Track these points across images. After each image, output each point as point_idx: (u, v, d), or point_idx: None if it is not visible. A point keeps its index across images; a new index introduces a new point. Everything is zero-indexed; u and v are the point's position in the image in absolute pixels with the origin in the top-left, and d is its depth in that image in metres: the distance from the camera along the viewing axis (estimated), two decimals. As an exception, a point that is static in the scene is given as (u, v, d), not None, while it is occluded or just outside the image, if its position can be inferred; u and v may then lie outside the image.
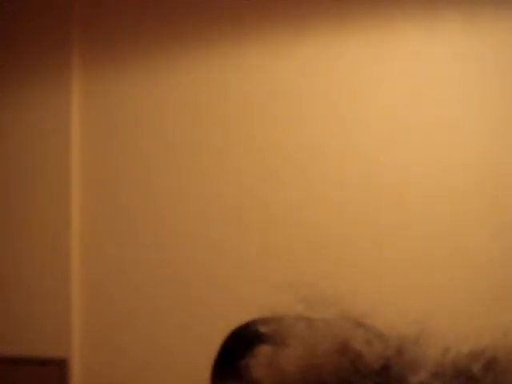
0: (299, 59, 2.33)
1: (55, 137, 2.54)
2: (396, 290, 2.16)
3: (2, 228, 2.60)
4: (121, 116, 2.52)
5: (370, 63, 2.26)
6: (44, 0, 2.58)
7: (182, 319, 2.39)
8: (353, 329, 0.58)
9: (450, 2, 2.20)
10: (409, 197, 2.21)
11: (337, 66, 2.30)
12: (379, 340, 0.57)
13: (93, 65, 2.55)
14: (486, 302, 2.10)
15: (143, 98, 2.49)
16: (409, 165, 2.21)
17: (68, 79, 2.53)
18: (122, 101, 2.51)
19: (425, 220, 2.19)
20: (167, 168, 2.45)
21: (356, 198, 2.25)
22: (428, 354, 0.57)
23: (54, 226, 2.52)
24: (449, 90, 2.19)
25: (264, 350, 0.62)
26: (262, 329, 0.63)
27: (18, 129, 2.59)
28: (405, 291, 2.15)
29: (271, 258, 2.31)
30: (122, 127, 2.51)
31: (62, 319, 2.48)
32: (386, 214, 2.22)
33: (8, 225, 2.59)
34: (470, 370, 0.55)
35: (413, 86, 2.22)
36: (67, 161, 2.52)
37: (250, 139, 2.37)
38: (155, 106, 2.48)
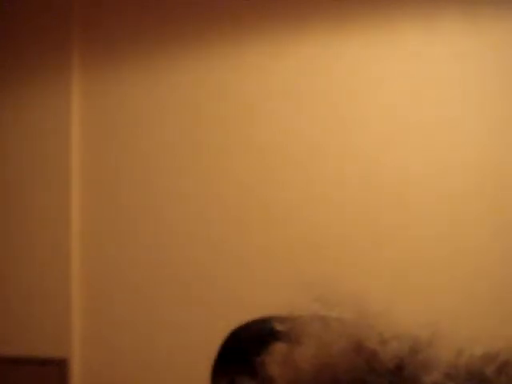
0: (299, 59, 2.33)
1: (55, 137, 2.54)
2: (400, 291, 2.16)
3: (2, 228, 2.60)
4: (121, 116, 2.52)
5: (370, 63, 2.26)
6: (44, 0, 2.58)
7: (182, 319, 2.39)
8: (368, 328, 0.58)
9: (450, 2, 2.20)
10: (409, 196, 2.21)
11: (337, 66, 2.30)
12: (394, 340, 0.57)
13: (93, 65, 2.55)
14: (488, 303, 2.10)
15: (143, 98, 2.49)
16: (409, 165, 2.21)
17: (68, 79, 2.53)
18: (122, 101, 2.51)
19: (425, 220, 2.19)
20: (167, 168, 2.45)
21: (356, 198, 2.25)
22: (441, 355, 0.57)
23: (53, 226, 2.52)
24: (449, 89, 2.19)
25: (279, 348, 0.62)
26: (278, 327, 0.63)
27: (18, 129, 2.59)
28: (409, 292, 2.15)
29: (271, 258, 2.31)
30: (122, 127, 2.51)
31: (62, 319, 2.48)
32: (385, 213, 2.22)
33: (8, 225, 2.59)
34: (484, 372, 0.55)
35: (413, 86, 2.22)
36: (67, 161, 2.52)
37: (249, 139, 2.37)
38: (155, 106, 2.48)
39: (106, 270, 2.49)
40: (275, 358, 0.60)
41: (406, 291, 2.15)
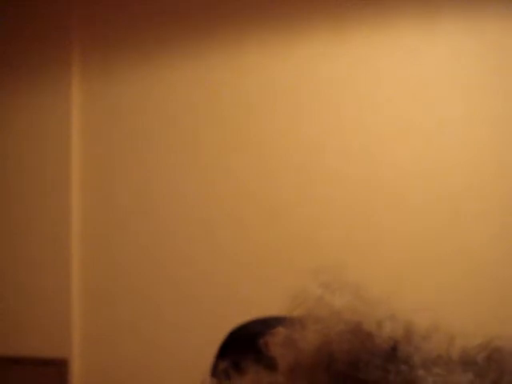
0: (299, 59, 2.33)
1: (55, 137, 2.54)
2: (400, 290, 2.16)
3: (2, 228, 2.60)
4: (121, 116, 2.52)
5: (369, 63, 2.26)
6: (44, 0, 2.58)
7: (181, 319, 2.39)
8: (366, 313, 0.61)
9: (450, 2, 2.20)
10: (409, 195, 2.21)
11: (337, 65, 2.30)
12: (389, 323, 0.60)
13: (93, 65, 2.55)
14: (488, 302, 2.10)
15: (143, 97, 2.49)
16: (409, 164, 2.21)
17: (68, 79, 2.53)
18: (122, 101, 2.51)
19: (425, 220, 2.19)
20: (167, 168, 2.45)
21: (356, 197, 2.25)
22: (435, 340, 0.60)
23: (54, 226, 2.52)
24: (449, 89, 2.19)
25: (282, 330, 0.64)
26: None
27: (18, 129, 2.60)
28: (409, 291, 2.15)
29: (271, 257, 2.31)
30: (122, 127, 2.51)
31: (62, 319, 2.48)
32: (385, 213, 2.22)
33: (8, 225, 2.59)
34: (475, 359, 0.58)
35: (413, 86, 2.22)
36: (67, 161, 2.52)
37: (249, 138, 2.37)
38: (155, 106, 2.48)
39: (105, 270, 2.49)
40: (277, 340, 0.62)
41: (405, 290, 2.15)
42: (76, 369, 2.48)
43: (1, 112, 2.62)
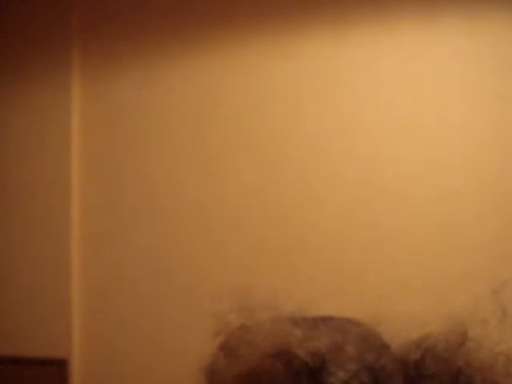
0: (299, 59, 2.33)
1: (55, 137, 2.54)
2: (399, 290, 2.16)
3: (2, 228, 2.60)
4: (121, 116, 2.52)
5: (369, 63, 2.26)
6: (44, 0, 2.58)
7: (182, 319, 2.39)
8: (286, 332, 0.59)
9: (450, 2, 2.20)
10: (409, 196, 2.21)
11: (337, 66, 2.30)
12: (313, 340, 0.58)
13: (93, 65, 2.55)
14: (489, 299, 2.10)
15: (143, 97, 2.49)
16: (409, 164, 2.21)
17: (68, 79, 2.53)
18: (122, 101, 2.51)
19: (425, 220, 2.19)
20: (167, 168, 2.45)
21: (357, 198, 2.25)
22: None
23: (54, 226, 2.52)
24: (449, 89, 2.19)
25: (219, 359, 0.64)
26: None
27: (18, 129, 2.60)
28: (408, 291, 2.15)
29: (272, 257, 2.31)
30: (122, 127, 2.51)
31: (62, 319, 2.48)
32: (385, 213, 2.22)
33: (8, 225, 2.59)
34: (408, 358, 0.57)
35: (413, 86, 2.22)
36: (67, 161, 2.52)
37: (249, 139, 2.37)
38: (155, 106, 2.48)
39: (106, 270, 2.49)
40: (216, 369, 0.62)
41: (404, 290, 2.15)
42: (76, 369, 2.48)
43: (1, 112, 2.62)
